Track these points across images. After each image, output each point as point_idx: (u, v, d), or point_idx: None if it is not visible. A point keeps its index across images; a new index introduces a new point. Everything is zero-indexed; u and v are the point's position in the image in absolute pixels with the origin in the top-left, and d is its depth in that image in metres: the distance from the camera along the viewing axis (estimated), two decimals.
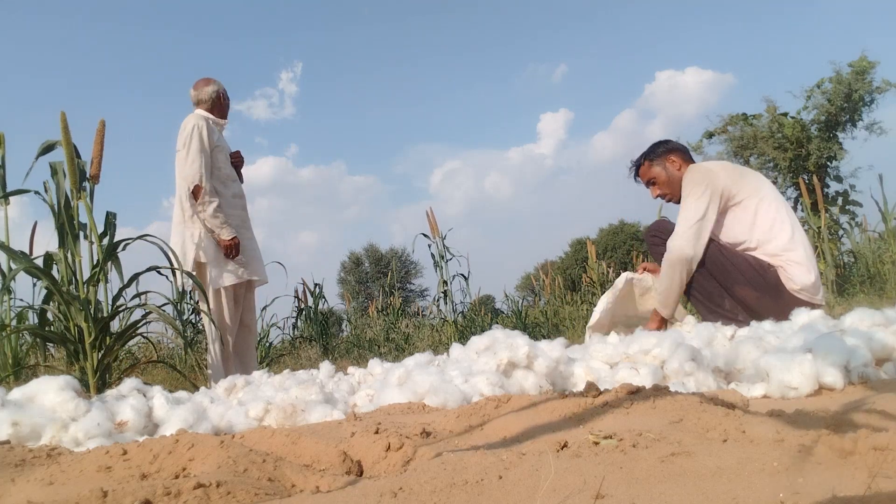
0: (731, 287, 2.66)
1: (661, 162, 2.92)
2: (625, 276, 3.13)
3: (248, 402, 1.67)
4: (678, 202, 2.89)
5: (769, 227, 2.64)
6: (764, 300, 2.58)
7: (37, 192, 2.95)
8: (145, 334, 3.81)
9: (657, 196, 2.97)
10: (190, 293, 4.62)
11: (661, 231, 2.92)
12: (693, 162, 2.91)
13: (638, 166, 3.01)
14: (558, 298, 7.97)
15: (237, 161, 3.51)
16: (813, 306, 2.44)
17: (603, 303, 3.07)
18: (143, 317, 3.05)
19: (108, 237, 3.02)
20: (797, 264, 2.59)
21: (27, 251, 3.70)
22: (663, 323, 2.77)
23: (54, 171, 2.86)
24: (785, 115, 7.27)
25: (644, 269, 3.15)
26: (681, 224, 2.67)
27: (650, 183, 2.98)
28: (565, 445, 0.96)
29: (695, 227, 2.62)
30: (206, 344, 3.38)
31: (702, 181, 2.66)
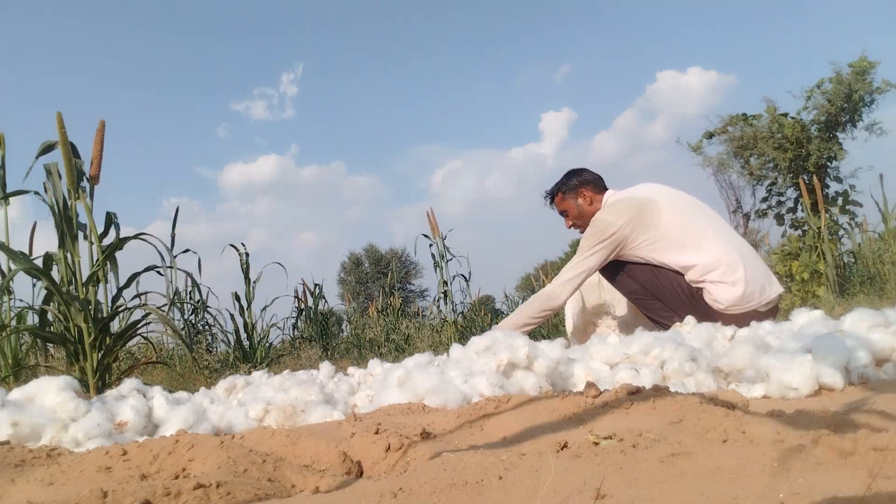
0: (672, 310, 2.71)
1: (572, 196, 2.97)
2: None
3: (248, 402, 1.66)
4: None
5: (686, 257, 2.65)
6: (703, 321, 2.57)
7: (36, 193, 2.95)
8: (145, 335, 3.81)
9: (570, 227, 3.04)
10: None
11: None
12: (605, 191, 2.94)
13: (553, 195, 3.06)
14: None
15: None
16: (762, 314, 2.50)
17: (571, 306, 3.16)
18: (143, 317, 3.05)
19: (107, 237, 3.01)
20: (719, 283, 2.60)
21: (27, 251, 3.70)
22: None
23: (49, 173, 2.86)
24: (785, 115, 7.26)
25: None
26: (566, 270, 2.74)
27: (563, 214, 3.04)
28: (565, 446, 0.95)
29: (574, 278, 2.70)
30: None
31: (596, 235, 2.71)
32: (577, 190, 2.96)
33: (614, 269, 2.84)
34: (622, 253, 2.74)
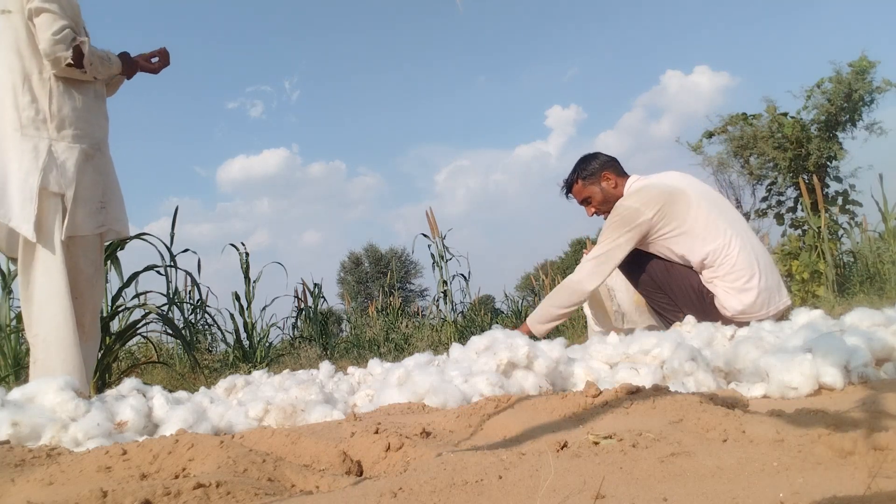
0: (678, 307, 2.69)
1: (595, 181, 2.84)
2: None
3: (248, 402, 1.67)
4: None
5: (701, 256, 2.63)
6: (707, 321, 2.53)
7: None
8: (144, 334, 3.81)
9: (593, 214, 2.91)
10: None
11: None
12: (625, 175, 2.85)
13: (570, 185, 2.92)
14: None
15: None
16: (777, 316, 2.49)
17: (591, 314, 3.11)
18: (143, 317, 3.05)
19: None
20: (730, 289, 2.58)
21: None
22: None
23: None
24: (785, 114, 7.26)
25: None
26: (591, 259, 2.65)
27: (585, 202, 2.90)
28: (565, 445, 0.95)
29: (601, 263, 2.62)
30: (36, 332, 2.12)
31: (622, 223, 2.63)
32: (598, 174, 2.83)
33: (627, 257, 2.82)
34: (643, 241, 2.66)
